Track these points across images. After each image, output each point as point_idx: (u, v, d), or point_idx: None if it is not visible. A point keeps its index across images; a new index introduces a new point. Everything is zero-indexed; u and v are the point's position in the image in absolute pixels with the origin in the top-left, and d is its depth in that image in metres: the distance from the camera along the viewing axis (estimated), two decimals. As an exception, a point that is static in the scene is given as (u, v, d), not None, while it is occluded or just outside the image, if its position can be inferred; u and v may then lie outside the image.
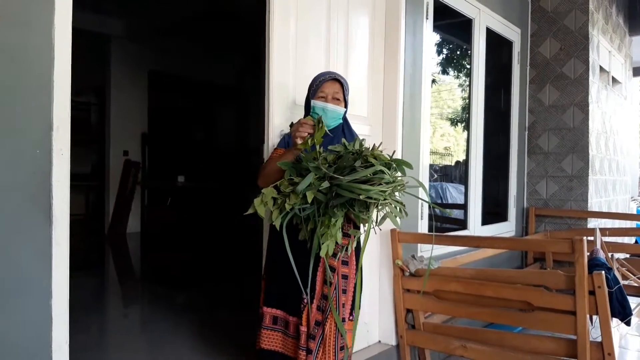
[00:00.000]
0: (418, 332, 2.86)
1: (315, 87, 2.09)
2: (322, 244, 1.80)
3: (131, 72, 7.59)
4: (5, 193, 1.49)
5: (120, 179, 7.68)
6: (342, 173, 1.74)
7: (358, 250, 2.06)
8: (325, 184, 1.74)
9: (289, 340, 2.05)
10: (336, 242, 1.87)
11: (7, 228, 1.50)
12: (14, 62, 1.50)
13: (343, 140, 1.94)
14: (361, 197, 1.69)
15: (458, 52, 7.04)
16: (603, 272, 2.31)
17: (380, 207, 1.81)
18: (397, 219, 1.88)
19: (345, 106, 2.12)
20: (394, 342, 2.96)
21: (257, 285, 2.23)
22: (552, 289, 2.44)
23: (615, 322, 2.61)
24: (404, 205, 1.90)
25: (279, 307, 2.07)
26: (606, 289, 2.30)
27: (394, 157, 1.86)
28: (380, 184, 1.71)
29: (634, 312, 3.37)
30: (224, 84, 8.80)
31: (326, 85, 2.07)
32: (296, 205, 1.79)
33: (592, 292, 2.32)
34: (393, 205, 1.84)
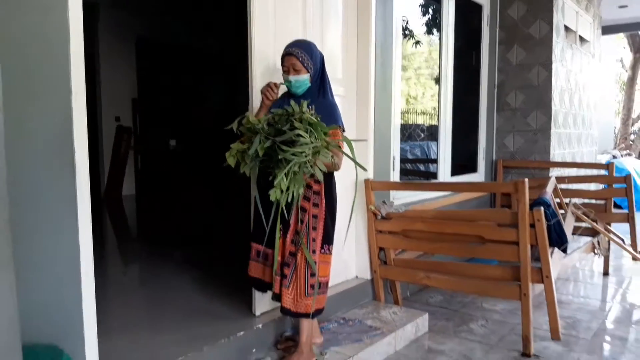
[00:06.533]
0: (389, 267, 3.29)
1: (281, 61, 2.42)
2: (270, 191, 2.12)
3: (119, 39, 7.77)
4: (39, 149, 1.85)
5: (114, 144, 7.97)
6: (278, 134, 2.08)
7: (328, 195, 2.42)
8: (268, 143, 2.08)
9: (268, 269, 2.46)
10: (309, 186, 2.30)
11: (41, 177, 1.86)
12: (40, 40, 1.83)
13: (292, 102, 2.21)
14: (280, 156, 2.04)
15: (438, 14, 7.26)
16: (542, 208, 2.72)
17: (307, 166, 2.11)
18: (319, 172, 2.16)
19: (309, 70, 2.38)
20: (369, 277, 3.39)
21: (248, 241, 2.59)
22: (501, 224, 2.85)
23: (558, 254, 3.05)
24: (321, 170, 2.16)
25: (260, 242, 2.47)
26: (544, 222, 2.71)
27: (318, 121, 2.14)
28: (302, 145, 2.03)
29: (582, 249, 3.84)
30: (212, 48, 8.94)
31: (285, 59, 2.39)
32: (255, 159, 2.13)
33: (532, 225, 2.73)
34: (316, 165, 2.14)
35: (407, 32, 5.83)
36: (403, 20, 4.12)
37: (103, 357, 2.08)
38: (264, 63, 2.76)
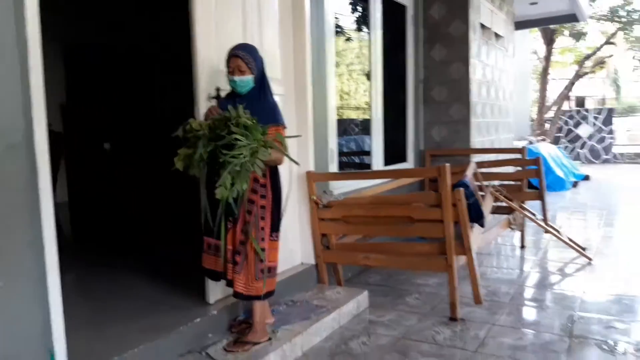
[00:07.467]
0: (331, 251, 3.57)
1: (226, 63, 2.60)
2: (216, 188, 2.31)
3: (43, 42, 7.57)
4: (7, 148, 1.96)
5: (45, 150, 7.77)
6: (218, 138, 2.28)
7: (274, 186, 2.65)
8: (211, 147, 2.30)
9: (220, 260, 2.66)
10: (256, 180, 2.51)
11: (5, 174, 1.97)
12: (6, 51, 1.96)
13: (229, 107, 2.38)
14: (220, 160, 2.26)
15: (366, 12, 7.64)
16: (462, 189, 3.08)
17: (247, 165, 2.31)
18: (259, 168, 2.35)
19: (253, 72, 2.57)
20: (313, 262, 3.66)
21: (197, 243, 2.77)
22: (428, 205, 3.20)
23: (478, 228, 3.44)
24: (260, 167, 2.36)
25: (211, 236, 2.66)
26: (464, 201, 3.08)
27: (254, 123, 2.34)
28: (240, 148, 2.25)
29: (500, 225, 4.29)
30: (150, 49, 8.81)
31: (230, 61, 2.56)
32: (200, 161, 2.34)
33: (455, 205, 3.09)
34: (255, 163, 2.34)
35: (338, 29, 6.14)
36: (335, 18, 4.40)
37: (71, 348, 2.22)
38: (208, 64, 2.93)
